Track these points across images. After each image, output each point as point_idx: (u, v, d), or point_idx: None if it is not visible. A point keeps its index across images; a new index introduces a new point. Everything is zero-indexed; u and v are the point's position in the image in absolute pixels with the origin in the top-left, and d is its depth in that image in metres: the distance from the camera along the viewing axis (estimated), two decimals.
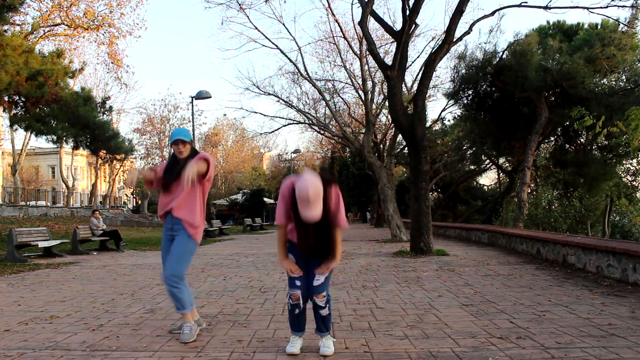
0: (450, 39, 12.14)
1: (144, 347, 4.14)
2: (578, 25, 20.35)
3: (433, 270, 8.81)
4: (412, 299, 5.99)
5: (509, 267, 8.88)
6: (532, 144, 18.35)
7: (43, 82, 18.66)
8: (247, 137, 52.84)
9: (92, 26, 27.49)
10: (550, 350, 3.73)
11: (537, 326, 4.48)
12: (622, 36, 17.14)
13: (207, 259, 12.06)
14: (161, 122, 50.83)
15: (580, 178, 19.87)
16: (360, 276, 8.27)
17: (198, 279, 8.48)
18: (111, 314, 5.55)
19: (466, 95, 21.25)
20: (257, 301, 6.16)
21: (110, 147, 31.79)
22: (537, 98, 18.04)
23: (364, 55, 20.54)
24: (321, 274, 3.78)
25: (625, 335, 4.07)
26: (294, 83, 27.07)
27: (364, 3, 12.98)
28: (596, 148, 20.51)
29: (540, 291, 6.30)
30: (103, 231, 15.91)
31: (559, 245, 9.00)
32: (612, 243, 7.57)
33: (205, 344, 4.19)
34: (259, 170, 69.79)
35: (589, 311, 5.02)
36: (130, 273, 9.63)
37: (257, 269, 9.78)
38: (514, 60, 17.98)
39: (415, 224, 11.92)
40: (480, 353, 3.74)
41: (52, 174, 66.44)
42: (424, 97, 12.79)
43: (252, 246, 16.60)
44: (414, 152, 12.13)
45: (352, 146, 23.03)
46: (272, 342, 4.19)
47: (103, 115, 31.48)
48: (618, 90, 18.04)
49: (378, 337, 4.28)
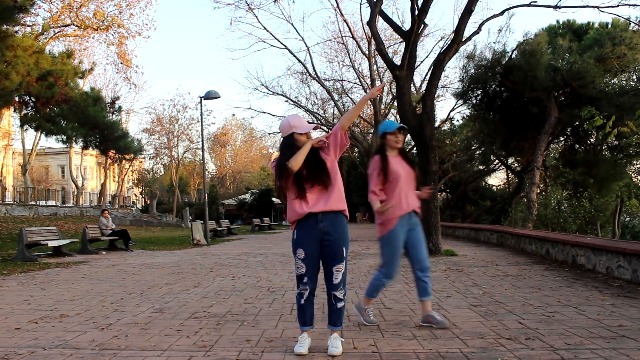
0: (459, 39, 12.10)
1: (152, 347, 4.16)
2: (588, 25, 20.25)
3: (441, 270, 8.78)
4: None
5: (517, 267, 8.84)
6: (541, 144, 18.26)
7: (53, 83, 18.80)
8: (256, 137, 52.95)
9: (101, 27, 27.63)
10: (559, 352, 3.70)
11: (546, 327, 4.45)
12: (632, 35, 17.03)
13: (215, 259, 12.09)
14: (170, 122, 50.99)
15: (590, 178, 19.74)
16: (368, 276, 8.25)
17: (206, 278, 8.50)
18: (120, 313, 5.58)
19: (475, 95, 21.17)
20: (265, 301, 6.17)
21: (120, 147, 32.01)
22: (547, 98, 17.95)
23: (372, 55, 20.57)
24: (339, 272, 3.87)
25: (636, 337, 4.04)
26: (303, 83, 27.20)
27: (372, 3, 12.96)
28: (606, 148, 20.37)
29: (550, 292, 6.27)
30: (112, 231, 15.98)
31: (569, 246, 8.95)
32: (622, 244, 7.51)
33: (214, 344, 4.20)
34: (267, 170, 69.77)
35: (598, 312, 4.98)
36: (139, 272, 9.67)
37: (266, 268, 9.79)
38: (524, 60, 17.90)
39: (424, 224, 11.85)
40: (489, 354, 3.73)
41: (62, 173, 66.82)
42: (433, 97, 12.76)
43: (261, 246, 16.62)
44: (423, 152, 12.09)
45: (360, 146, 23.05)
46: (280, 342, 4.19)
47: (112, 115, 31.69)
48: (629, 89, 17.91)
49: (386, 338, 4.27)
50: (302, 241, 3.89)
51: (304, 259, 3.87)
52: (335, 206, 3.88)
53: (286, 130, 3.98)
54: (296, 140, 3.91)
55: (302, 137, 3.93)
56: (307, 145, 3.86)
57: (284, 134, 4.00)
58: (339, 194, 3.92)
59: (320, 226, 3.85)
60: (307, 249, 3.87)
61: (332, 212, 3.87)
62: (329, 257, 3.87)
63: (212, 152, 70.61)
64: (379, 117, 20.67)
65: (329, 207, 3.85)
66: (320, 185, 3.85)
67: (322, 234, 3.85)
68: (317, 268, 3.94)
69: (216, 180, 73.54)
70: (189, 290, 7.24)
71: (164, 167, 61.49)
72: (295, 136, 3.92)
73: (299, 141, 3.91)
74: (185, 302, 6.19)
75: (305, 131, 3.95)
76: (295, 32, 71.83)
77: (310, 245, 3.87)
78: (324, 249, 3.87)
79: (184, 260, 12.09)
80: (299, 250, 3.88)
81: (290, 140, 3.94)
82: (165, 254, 14.36)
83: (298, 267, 3.91)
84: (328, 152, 3.93)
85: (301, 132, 3.93)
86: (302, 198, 3.86)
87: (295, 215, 3.90)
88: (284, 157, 3.89)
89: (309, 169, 3.85)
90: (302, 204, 3.86)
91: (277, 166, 3.91)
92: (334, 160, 3.96)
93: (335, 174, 3.92)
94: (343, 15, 20.69)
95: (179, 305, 5.98)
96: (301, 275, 3.89)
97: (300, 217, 3.88)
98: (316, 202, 3.85)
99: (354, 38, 21.21)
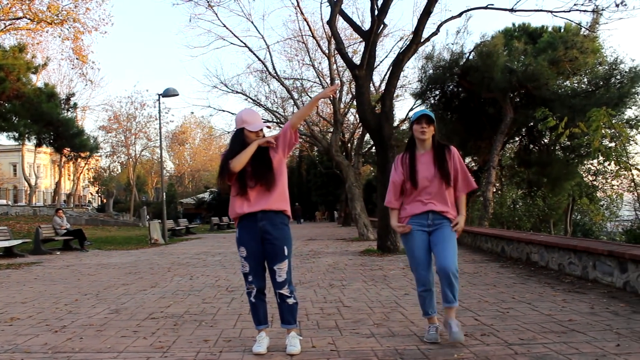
0: (418, 40, 12.25)
1: (108, 348, 4.08)
2: (542, 28, 20.72)
3: (400, 268, 8.88)
4: (378, 297, 6.03)
5: (474, 265, 9.01)
6: (497, 144, 18.63)
7: (4, 77, 18.24)
8: (215, 136, 52.37)
9: (56, 20, 26.82)
10: (513, 347, 3.80)
11: (501, 323, 4.56)
12: (583, 40, 17.52)
13: (173, 258, 11.94)
14: (127, 120, 50.14)
15: (543, 177, 20.22)
16: (327, 275, 8.29)
17: (164, 278, 8.39)
18: (74, 315, 5.45)
19: (433, 95, 21.43)
20: (224, 300, 6.13)
21: (75, 144, 31.19)
22: (503, 99, 18.32)
23: (332, 54, 20.60)
24: (281, 270, 3.83)
25: (585, 331, 4.17)
26: (262, 81, 27.04)
27: (332, 2, 13.00)
28: (559, 148, 20.90)
29: (505, 289, 6.41)
30: (67, 230, 15.62)
31: (523, 244, 9.17)
32: (573, 241, 7.74)
33: (171, 344, 4.15)
34: None
35: (550, 308, 5.12)
36: (94, 273, 9.47)
37: (224, 268, 9.73)
38: (481, 61, 18.21)
39: (382, 223, 11.99)
40: (445, 350, 3.79)
41: (14, 171, 64.80)
42: (392, 97, 12.89)
43: (220, 245, 16.50)
44: (382, 151, 12.21)
45: (320, 145, 23.09)
46: (238, 342, 4.17)
47: (67, 112, 30.85)
48: (580, 92, 18.44)
49: (345, 336, 4.29)
50: (243, 239, 3.87)
51: (246, 257, 3.86)
52: (276, 206, 3.83)
53: (238, 123, 3.92)
54: (246, 137, 3.86)
55: (252, 135, 3.86)
56: (252, 146, 3.80)
57: (236, 127, 3.94)
58: (281, 194, 3.88)
59: (260, 225, 3.81)
60: (248, 247, 3.85)
61: (272, 211, 3.83)
62: (271, 256, 3.84)
63: (170, 151, 69.79)
64: (339, 116, 20.74)
65: (269, 207, 3.81)
66: (263, 185, 3.80)
67: (262, 232, 3.81)
68: (262, 267, 3.92)
69: (174, 178, 72.74)
70: (146, 290, 7.13)
71: (121, 165, 60.44)
72: (246, 132, 3.86)
73: (249, 138, 3.86)
74: (142, 303, 6.09)
75: (256, 129, 3.88)
76: (255, 30, 71.62)
77: (251, 244, 3.84)
78: (265, 247, 3.84)
79: (141, 260, 11.90)
80: (241, 248, 3.87)
81: (239, 136, 3.88)
82: (122, 253, 14.11)
83: (242, 265, 3.91)
84: (276, 150, 3.89)
85: (252, 129, 3.86)
86: (243, 195, 3.83)
87: (235, 213, 3.88)
88: (230, 153, 3.84)
89: (254, 167, 3.81)
90: (244, 203, 3.83)
91: (221, 163, 3.86)
92: (282, 159, 3.91)
93: (280, 174, 3.87)
94: (303, 14, 20.69)
95: (135, 306, 5.88)
96: (246, 274, 3.90)
97: (239, 215, 3.86)
98: (257, 201, 3.81)
99: (314, 37, 21.23)
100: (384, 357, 3.66)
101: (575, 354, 3.58)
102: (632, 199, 13.26)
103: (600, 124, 8.13)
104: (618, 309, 4.95)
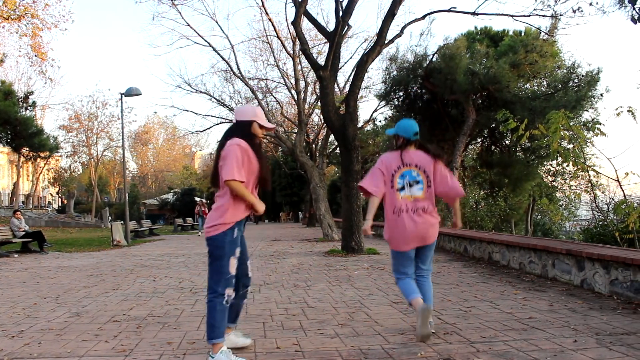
0: (382, 41, 12.34)
1: (68, 353, 3.99)
2: (504, 32, 21.11)
3: (364, 269, 8.94)
4: (343, 298, 6.06)
5: (437, 265, 9.11)
6: (460, 145, 18.91)
7: None
8: (179, 136, 51.93)
9: (12, 16, 26.09)
10: (475, 345, 3.86)
11: (464, 321, 4.63)
12: (543, 44, 17.91)
13: (136, 260, 11.76)
14: (89, 119, 49.24)
15: (505, 178, 20.60)
16: (291, 275, 8.28)
17: (127, 280, 8.26)
18: (33, 319, 5.32)
19: (397, 97, 21.61)
20: (187, 302, 6.07)
21: (34, 144, 30.45)
22: (465, 100, 18.60)
23: (297, 55, 20.60)
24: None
25: (544, 328, 4.27)
26: (227, 81, 26.95)
27: (297, 3, 13.00)
28: (520, 150, 21.29)
29: (467, 288, 6.52)
30: (25, 232, 15.21)
31: (485, 243, 9.33)
32: (533, 240, 7.92)
33: (134, 347, 4.08)
34: (190, 169, 68.68)
35: (511, 306, 5.23)
36: (54, 276, 9.26)
37: (188, 269, 9.63)
38: (444, 63, 18.44)
39: (347, 223, 12.04)
40: (409, 349, 3.83)
41: None
42: (356, 98, 12.95)
43: (183, 246, 16.31)
44: (346, 152, 12.25)
45: (284, 145, 23.08)
46: (202, 344, 4.14)
47: (26, 110, 30.13)
48: (540, 94, 18.82)
49: (309, 336, 4.30)
50: (241, 241, 3.83)
51: (239, 259, 3.78)
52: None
53: (248, 115, 3.86)
54: (254, 129, 3.84)
55: (261, 131, 3.90)
56: (252, 199, 3.73)
57: (243, 117, 3.84)
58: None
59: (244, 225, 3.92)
60: (241, 246, 3.84)
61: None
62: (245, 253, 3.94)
63: (133, 151, 68.72)
64: (303, 116, 20.73)
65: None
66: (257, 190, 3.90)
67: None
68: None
69: (137, 179, 71.72)
70: (108, 293, 7.01)
71: (82, 165, 59.34)
72: (255, 125, 3.83)
73: (256, 132, 3.85)
74: (104, 306, 5.98)
75: (271, 127, 3.94)
76: (219, 30, 70.98)
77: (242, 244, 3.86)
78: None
79: (103, 262, 11.68)
80: (237, 249, 3.73)
81: (247, 129, 3.82)
82: (83, 255, 13.82)
83: (232, 268, 3.69)
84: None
85: (267, 125, 3.89)
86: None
87: (241, 216, 3.73)
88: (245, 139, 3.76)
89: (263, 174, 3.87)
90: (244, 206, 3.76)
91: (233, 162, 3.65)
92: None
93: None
94: (268, 14, 20.62)
95: (97, 309, 5.78)
96: (232, 276, 3.71)
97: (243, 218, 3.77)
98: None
99: (278, 37, 21.18)
100: (349, 357, 3.68)
101: (535, 350, 3.67)
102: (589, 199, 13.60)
103: (558, 126, 8.30)
104: (575, 306, 5.09)
